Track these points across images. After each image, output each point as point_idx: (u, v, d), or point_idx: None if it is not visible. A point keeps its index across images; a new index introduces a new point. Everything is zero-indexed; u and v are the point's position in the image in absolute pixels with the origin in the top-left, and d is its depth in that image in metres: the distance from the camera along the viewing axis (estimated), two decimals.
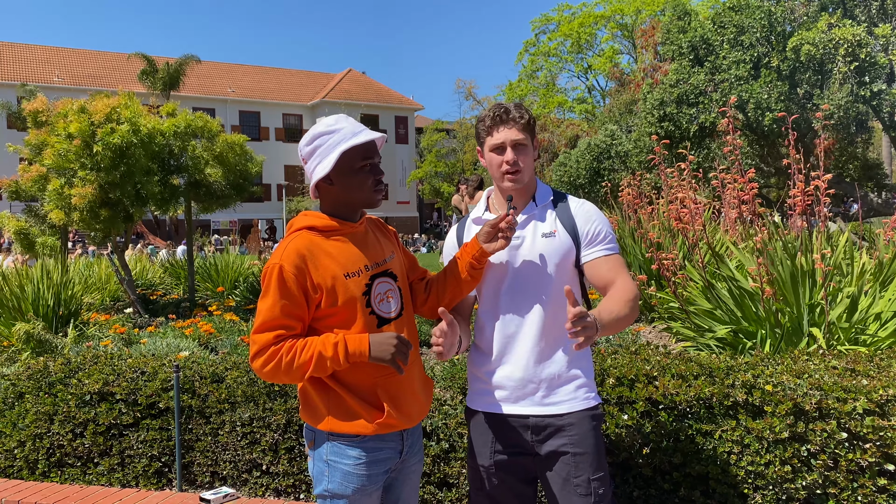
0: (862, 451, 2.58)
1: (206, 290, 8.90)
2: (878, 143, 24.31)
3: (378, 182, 2.03)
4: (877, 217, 12.24)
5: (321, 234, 2.00)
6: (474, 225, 2.25)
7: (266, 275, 1.94)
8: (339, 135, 1.97)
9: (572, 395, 2.09)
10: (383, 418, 1.96)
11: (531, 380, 2.10)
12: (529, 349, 2.10)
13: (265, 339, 1.90)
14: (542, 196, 2.19)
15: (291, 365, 1.88)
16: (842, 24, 11.80)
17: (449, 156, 44.43)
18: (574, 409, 2.07)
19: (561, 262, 2.11)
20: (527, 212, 2.16)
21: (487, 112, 2.15)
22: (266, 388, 3.64)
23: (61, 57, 40.50)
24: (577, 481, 2.03)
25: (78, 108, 6.59)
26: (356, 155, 1.97)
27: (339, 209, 2.04)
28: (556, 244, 2.11)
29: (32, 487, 3.94)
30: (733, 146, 4.46)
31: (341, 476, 1.97)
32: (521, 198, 2.17)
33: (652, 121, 12.82)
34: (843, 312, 3.76)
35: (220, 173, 7.08)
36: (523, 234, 2.14)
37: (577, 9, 39.43)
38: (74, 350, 5.21)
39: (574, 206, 2.17)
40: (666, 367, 3.01)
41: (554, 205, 2.18)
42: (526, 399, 2.10)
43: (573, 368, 2.11)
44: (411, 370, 2.07)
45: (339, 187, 2.00)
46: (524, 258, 2.12)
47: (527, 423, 2.10)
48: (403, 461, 2.09)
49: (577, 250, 2.12)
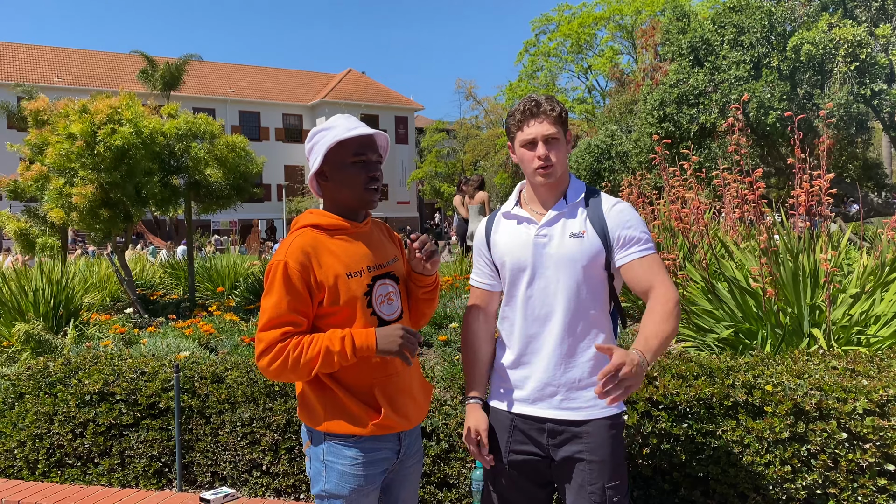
0: (862, 451, 2.58)
1: (206, 290, 8.90)
2: (878, 143, 24.31)
3: (371, 180, 2.00)
4: (877, 217, 12.24)
5: (325, 233, 2.00)
6: (504, 220, 2.19)
7: (270, 272, 1.93)
8: (334, 131, 1.99)
9: (593, 402, 2.03)
10: (380, 419, 1.96)
11: (551, 383, 2.06)
12: (551, 352, 2.06)
13: (272, 336, 1.88)
14: (575, 193, 2.10)
15: (298, 362, 1.86)
16: (842, 24, 11.80)
17: (449, 156, 44.41)
18: (593, 417, 2.02)
19: (588, 265, 2.02)
20: (557, 209, 2.08)
21: (518, 106, 2.08)
22: (266, 389, 3.63)
23: (61, 57, 40.49)
24: (592, 489, 1.99)
25: (79, 108, 6.59)
26: (347, 149, 1.98)
27: (340, 208, 2.05)
28: (585, 245, 2.02)
29: (32, 487, 3.93)
30: (737, 146, 4.46)
31: (338, 476, 1.97)
32: (551, 193, 2.10)
33: (652, 121, 12.81)
34: (845, 313, 3.76)
35: (221, 174, 7.09)
36: (551, 233, 2.06)
37: (577, 9, 39.40)
38: (74, 350, 5.21)
39: (606, 205, 2.06)
40: (666, 368, 3.01)
41: (586, 203, 2.08)
42: (545, 401, 2.06)
43: (596, 374, 2.01)
44: (409, 372, 2.07)
45: (333, 183, 2.02)
46: (550, 258, 2.05)
47: (543, 426, 2.06)
48: (401, 462, 2.08)
49: (606, 253, 2.03)
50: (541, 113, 2.03)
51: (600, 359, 2.05)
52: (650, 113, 12.86)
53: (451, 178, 42.65)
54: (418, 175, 44.01)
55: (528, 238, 2.09)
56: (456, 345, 4.57)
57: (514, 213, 2.16)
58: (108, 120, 6.39)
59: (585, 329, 2.05)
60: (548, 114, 2.03)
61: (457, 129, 45.39)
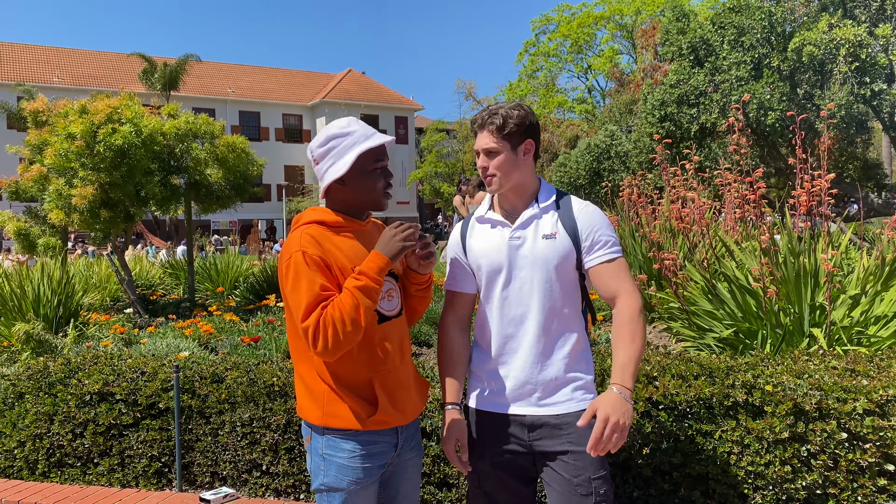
0: (862, 451, 2.58)
1: (205, 290, 8.90)
2: (878, 143, 24.31)
3: (388, 185, 2.08)
4: (877, 217, 12.23)
5: (330, 230, 2.03)
6: (478, 224, 2.24)
7: (289, 265, 1.92)
8: (353, 137, 2.02)
9: (569, 396, 2.09)
10: (378, 414, 1.99)
11: (528, 381, 2.10)
12: (527, 351, 2.11)
13: (315, 316, 1.87)
14: (545, 196, 2.17)
15: (345, 323, 1.86)
16: (842, 24, 11.79)
17: (449, 156, 44.40)
18: (571, 410, 2.07)
19: (560, 265, 2.10)
20: (529, 211, 2.15)
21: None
22: (266, 389, 3.63)
23: (61, 57, 40.49)
24: (578, 481, 2.03)
25: (79, 108, 6.59)
26: (370, 157, 2.03)
27: (349, 209, 2.08)
28: (557, 246, 2.10)
29: (32, 487, 3.93)
30: (738, 146, 4.46)
31: (336, 469, 1.99)
32: (519, 198, 2.16)
33: (653, 121, 12.81)
34: (845, 313, 3.76)
35: (221, 174, 7.10)
36: (524, 235, 2.13)
37: (577, 9, 39.42)
38: (74, 350, 5.21)
39: (576, 207, 2.14)
40: (666, 368, 3.01)
41: (557, 205, 2.16)
42: (523, 400, 2.11)
43: (572, 371, 2.11)
44: (405, 369, 2.11)
45: (350, 188, 2.04)
46: (524, 259, 2.12)
47: (523, 421, 2.10)
48: (399, 455, 2.11)
49: (577, 253, 2.11)
50: (485, 125, 2.11)
51: (575, 356, 2.12)
52: (651, 113, 12.86)
53: (450, 178, 42.64)
54: (418, 175, 44.01)
55: (503, 240, 2.15)
56: None
57: (488, 217, 2.22)
58: (107, 120, 6.40)
59: (560, 328, 2.11)
60: (488, 127, 2.10)
61: (457, 129, 45.37)
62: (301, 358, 2.05)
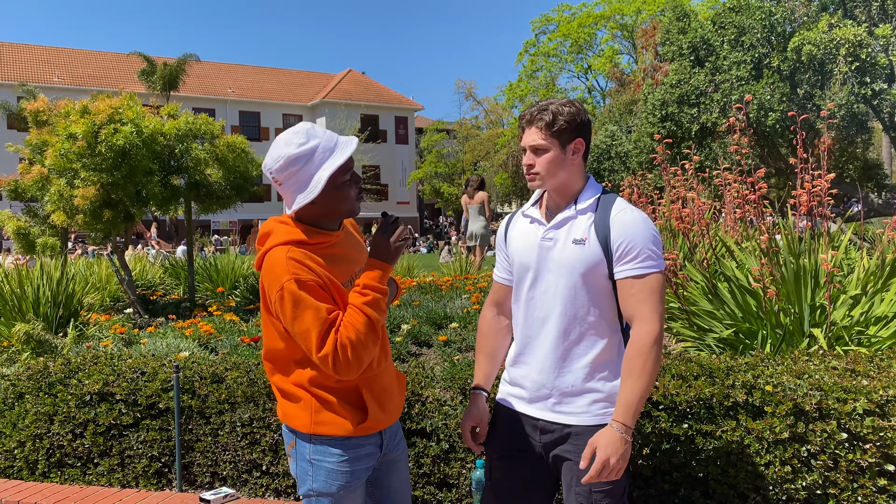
0: (862, 451, 2.58)
1: (206, 290, 8.90)
2: (878, 143, 24.31)
3: (360, 190, 2.00)
4: (877, 217, 12.23)
5: (309, 248, 1.92)
6: (521, 217, 2.21)
7: (282, 296, 1.82)
8: (316, 156, 1.88)
9: (585, 409, 2.03)
10: (367, 421, 1.98)
11: (545, 385, 2.07)
12: (546, 354, 2.07)
13: (331, 342, 1.81)
14: (586, 196, 2.06)
15: (364, 343, 1.82)
16: (842, 24, 11.79)
17: (449, 156, 44.41)
18: (585, 423, 2.02)
19: (588, 273, 1.99)
20: (564, 213, 2.06)
21: (526, 111, 2.13)
22: (266, 389, 3.63)
23: (61, 57, 40.50)
24: (579, 489, 2.01)
25: (80, 108, 6.59)
26: (339, 173, 1.92)
27: (322, 223, 1.99)
28: (585, 253, 1.99)
29: (32, 487, 3.93)
30: (739, 146, 4.46)
31: (326, 475, 1.98)
32: (561, 197, 2.09)
33: (653, 121, 12.81)
34: (845, 313, 3.76)
35: (221, 174, 7.09)
36: (556, 237, 2.05)
37: (577, 9, 39.43)
38: (74, 350, 5.21)
39: (614, 212, 2.00)
40: (666, 368, 3.01)
41: (596, 207, 2.04)
42: (539, 402, 2.09)
43: (591, 381, 2.03)
44: (388, 370, 2.11)
45: (321, 205, 1.94)
46: (553, 262, 2.05)
47: (536, 424, 2.10)
48: (385, 454, 2.11)
49: (608, 262, 1.98)
50: (534, 121, 2.04)
51: (596, 366, 2.04)
52: (651, 113, 12.87)
53: (451, 178, 42.64)
54: (418, 175, 44.01)
55: (536, 239, 2.10)
56: (456, 345, 4.57)
57: (529, 213, 2.18)
58: (109, 120, 6.40)
59: (581, 335, 2.04)
60: (535, 122, 2.04)
61: (457, 129, 45.39)
62: (283, 366, 2.01)
